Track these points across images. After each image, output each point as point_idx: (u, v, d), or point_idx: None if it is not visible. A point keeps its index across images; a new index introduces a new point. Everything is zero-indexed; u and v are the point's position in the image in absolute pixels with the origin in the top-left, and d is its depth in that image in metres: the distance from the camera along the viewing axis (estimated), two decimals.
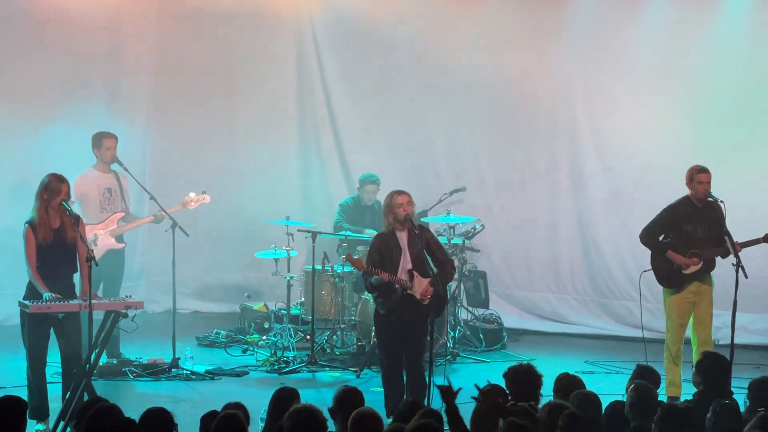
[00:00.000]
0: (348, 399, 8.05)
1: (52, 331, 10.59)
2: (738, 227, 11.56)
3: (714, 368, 9.04)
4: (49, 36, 14.86)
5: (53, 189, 10.55)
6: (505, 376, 8.61)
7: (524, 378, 8.52)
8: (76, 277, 10.75)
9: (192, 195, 13.27)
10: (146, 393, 12.04)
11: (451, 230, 14.12)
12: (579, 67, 15.22)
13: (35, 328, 10.47)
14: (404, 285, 10.61)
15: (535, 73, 15.35)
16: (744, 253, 11.30)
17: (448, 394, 7.61)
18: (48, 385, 10.68)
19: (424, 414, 7.64)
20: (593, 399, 8.28)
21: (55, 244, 10.57)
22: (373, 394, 11.03)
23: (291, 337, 13.55)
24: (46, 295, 10.34)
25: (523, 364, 8.73)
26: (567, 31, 15.29)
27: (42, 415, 10.54)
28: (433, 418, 7.56)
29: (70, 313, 10.46)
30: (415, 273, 10.63)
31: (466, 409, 7.64)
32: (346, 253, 11.20)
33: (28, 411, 8.20)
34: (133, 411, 8.03)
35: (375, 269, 10.57)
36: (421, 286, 10.62)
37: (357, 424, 7.38)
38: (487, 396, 7.65)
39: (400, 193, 10.76)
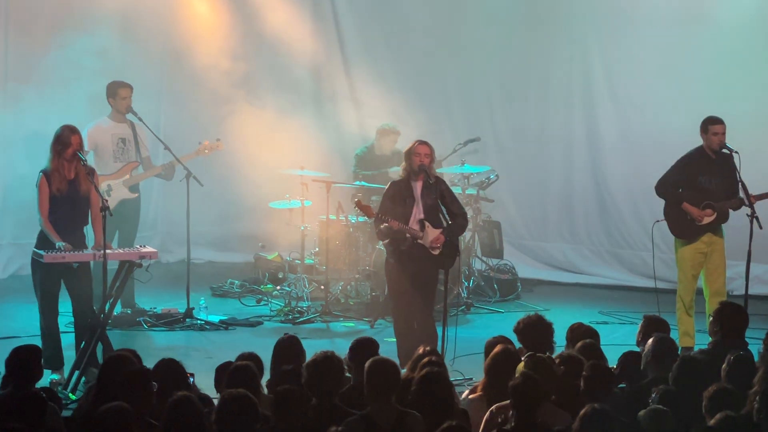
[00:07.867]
0: (363, 349, 8.08)
1: (63, 281, 10.62)
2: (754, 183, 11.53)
3: (732, 317, 9.03)
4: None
5: (65, 141, 10.53)
6: (516, 330, 8.60)
7: (536, 329, 8.53)
8: (88, 229, 10.76)
9: (206, 142, 13.25)
10: (161, 343, 12.11)
11: (466, 180, 14.08)
12: (595, 15, 15.13)
13: (47, 278, 10.50)
14: (415, 234, 10.57)
15: (550, 23, 15.28)
16: (758, 205, 11.28)
17: None
18: (61, 334, 10.72)
19: (429, 363, 7.66)
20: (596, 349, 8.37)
21: (70, 196, 10.55)
22: (387, 344, 11.05)
23: (305, 287, 13.57)
24: (60, 244, 10.35)
25: (531, 315, 8.73)
26: None
27: (57, 364, 10.58)
28: (437, 367, 7.59)
29: (81, 264, 10.49)
30: (427, 223, 10.60)
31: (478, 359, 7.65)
32: (356, 200, 11.10)
33: (42, 360, 8.26)
34: (148, 361, 8.10)
35: (385, 217, 10.54)
36: (431, 236, 10.61)
37: (372, 372, 7.39)
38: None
39: (422, 143, 10.71)
